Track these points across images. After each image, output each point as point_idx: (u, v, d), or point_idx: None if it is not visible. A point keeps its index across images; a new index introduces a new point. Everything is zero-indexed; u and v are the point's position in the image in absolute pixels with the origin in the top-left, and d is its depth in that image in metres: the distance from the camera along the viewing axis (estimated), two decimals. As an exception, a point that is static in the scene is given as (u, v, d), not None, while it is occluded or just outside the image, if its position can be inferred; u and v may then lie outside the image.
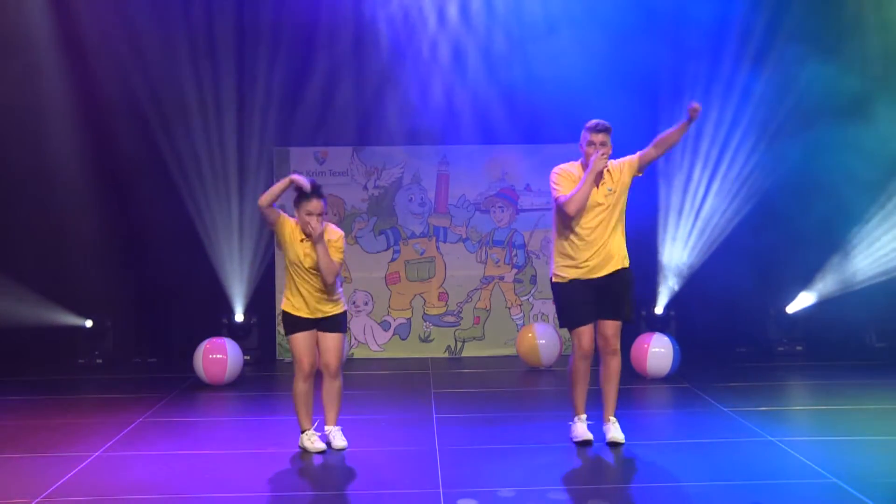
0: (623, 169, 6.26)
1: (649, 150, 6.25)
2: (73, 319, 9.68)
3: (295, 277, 6.28)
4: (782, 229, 9.64)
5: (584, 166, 6.23)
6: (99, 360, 9.73)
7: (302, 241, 6.23)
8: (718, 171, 9.71)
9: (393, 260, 10.12)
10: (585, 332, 6.26)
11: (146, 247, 9.92)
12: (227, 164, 9.84)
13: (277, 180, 9.83)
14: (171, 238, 9.80)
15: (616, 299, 6.26)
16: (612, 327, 6.29)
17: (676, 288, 9.73)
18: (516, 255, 10.15)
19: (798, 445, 6.24)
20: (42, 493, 5.54)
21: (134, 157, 9.75)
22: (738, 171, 9.69)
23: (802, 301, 9.73)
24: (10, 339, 9.32)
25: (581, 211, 6.14)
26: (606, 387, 6.39)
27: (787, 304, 9.80)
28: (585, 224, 6.17)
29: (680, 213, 9.76)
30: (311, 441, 6.37)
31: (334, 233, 6.33)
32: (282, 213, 6.31)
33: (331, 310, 6.34)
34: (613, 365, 6.34)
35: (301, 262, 6.22)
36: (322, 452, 6.32)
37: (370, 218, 10.11)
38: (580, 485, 5.70)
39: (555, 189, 6.23)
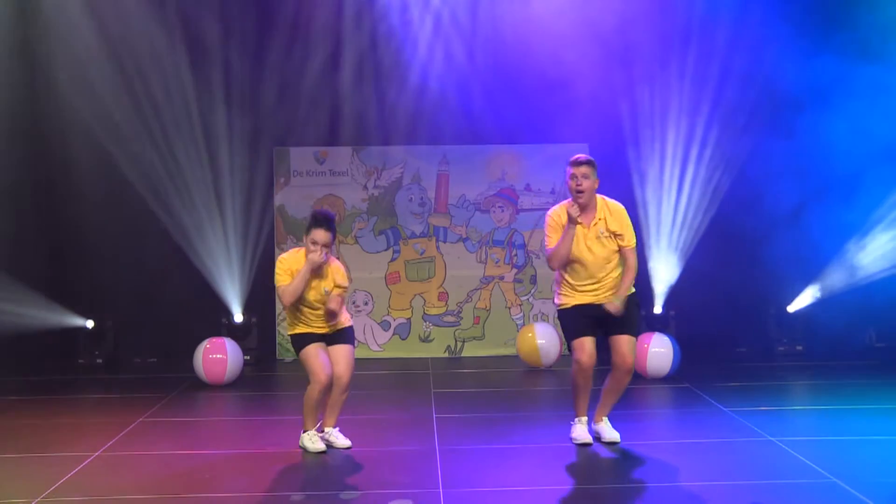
0: (620, 224, 6.24)
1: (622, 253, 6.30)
2: (73, 319, 9.68)
3: (302, 310, 6.33)
4: (782, 227, 9.62)
5: (571, 204, 6.25)
6: (99, 360, 9.74)
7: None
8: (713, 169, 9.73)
9: (393, 260, 10.12)
10: (585, 343, 6.23)
11: (146, 247, 9.92)
12: (227, 163, 9.83)
13: (277, 180, 9.99)
14: (171, 238, 9.79)
15: (625, 318, 6.23)
16: (627, 343, 6.25)
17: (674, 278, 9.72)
18: (516, 255, 10.15)
19: (798, 445, 6.24)
20: (42, 493, 5.54)
21: (134, 157, 9.74)
22: (739, 167, 9.69)
23: (803, 300, 9.73)
24: (11, 339, 9.31)
25: (566, 260, 6.22)
26: (609, 395, 6.43)
27: (788, 303, 9.80)
28: (583, 260, 6.21)
29: (672, 209, 9.78)
30: (313, 441, 6.38)
31: (339, 272, 6.39)
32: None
33: (337, 323, 6.43)
34: (624, 381, 6.34)
35: (307, 295, 6.27)
36: (323, 453, 6.33)
37: (370, 218, 10.11)
38: (580, 485, 5.70)
39: (547, 238, 6.32)
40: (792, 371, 9.19)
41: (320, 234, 6.23)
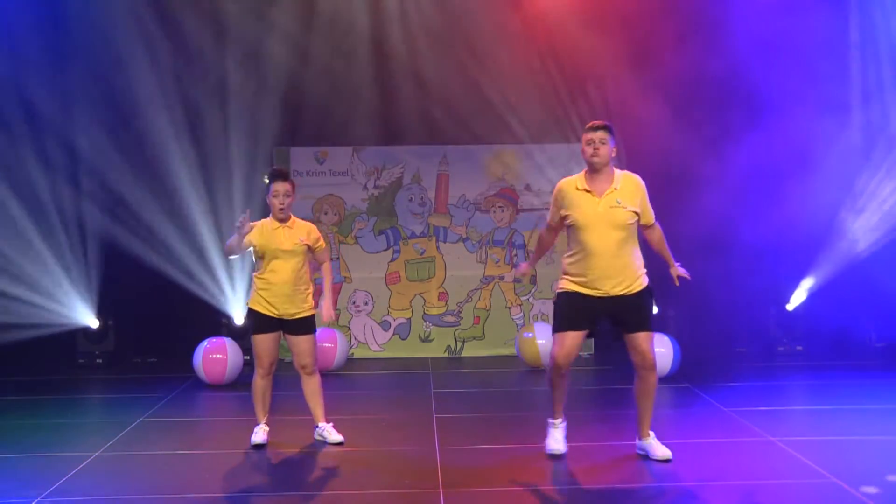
0: (639, 200, 5.83)
1: (646, 234, 6.00)
2: (74, 319, 9.67)
3: (271, 271, 6.38)
4: (782, 226, 9.62)
5: (586, 174, 5.85)
6: (99, 360, 9.75)
7: (276, 229, 6.40)
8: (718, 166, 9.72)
9: (393, 260, 10.12)
10: (565, 339, 5.82)
11: (146, 247, 9.91)
12: (227, 163, 9.83)
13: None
14: (171, 237, 9.79)
15: (636, 311, 5.81)
16: (644, 340, 5.77)
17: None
18: (516, 255, 10.15)
19: (798, 445, 6.24)
20: (42, 493, 5.54)
21: (135, 157, 9.74)
22: (738, 165, 9.68)
23: (802, 296, 9.72)
24: (11, 339, 9.31)
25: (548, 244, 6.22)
26: (643, 403, 5.95)
27: (787, 302, 9.80)
28: (589, 240, 5.74)
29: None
30: (256, 434, 6.52)
31: (311, 230, 6.52)
32: (248, 230, 6.41)
33: (300, 310, 6.43)
34: (651, 380, 5.86)
35: (281, 248, 6.35)
36: (259, 448, 6.42)
37: (370, 218, 10.11)
38: (580, 485, 5.70)
39: (549, 211, 6.04)
40: (792, 371, 9.19)
41: (280, 186, 6.38)
